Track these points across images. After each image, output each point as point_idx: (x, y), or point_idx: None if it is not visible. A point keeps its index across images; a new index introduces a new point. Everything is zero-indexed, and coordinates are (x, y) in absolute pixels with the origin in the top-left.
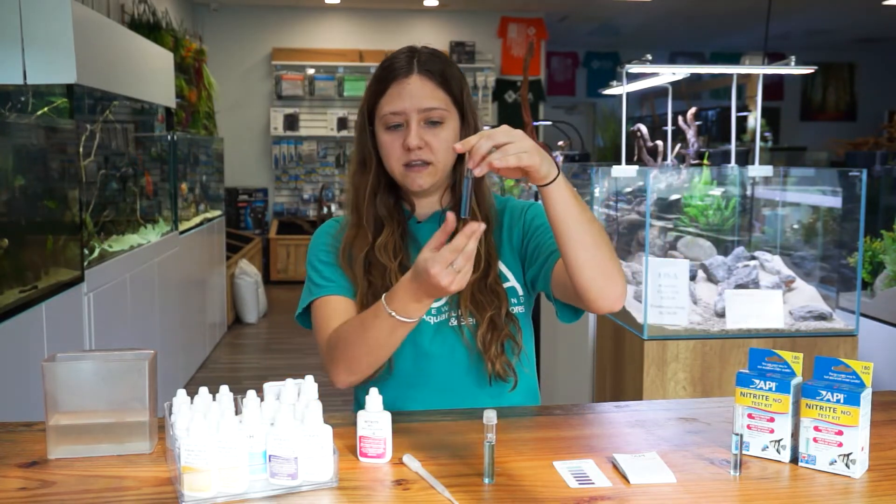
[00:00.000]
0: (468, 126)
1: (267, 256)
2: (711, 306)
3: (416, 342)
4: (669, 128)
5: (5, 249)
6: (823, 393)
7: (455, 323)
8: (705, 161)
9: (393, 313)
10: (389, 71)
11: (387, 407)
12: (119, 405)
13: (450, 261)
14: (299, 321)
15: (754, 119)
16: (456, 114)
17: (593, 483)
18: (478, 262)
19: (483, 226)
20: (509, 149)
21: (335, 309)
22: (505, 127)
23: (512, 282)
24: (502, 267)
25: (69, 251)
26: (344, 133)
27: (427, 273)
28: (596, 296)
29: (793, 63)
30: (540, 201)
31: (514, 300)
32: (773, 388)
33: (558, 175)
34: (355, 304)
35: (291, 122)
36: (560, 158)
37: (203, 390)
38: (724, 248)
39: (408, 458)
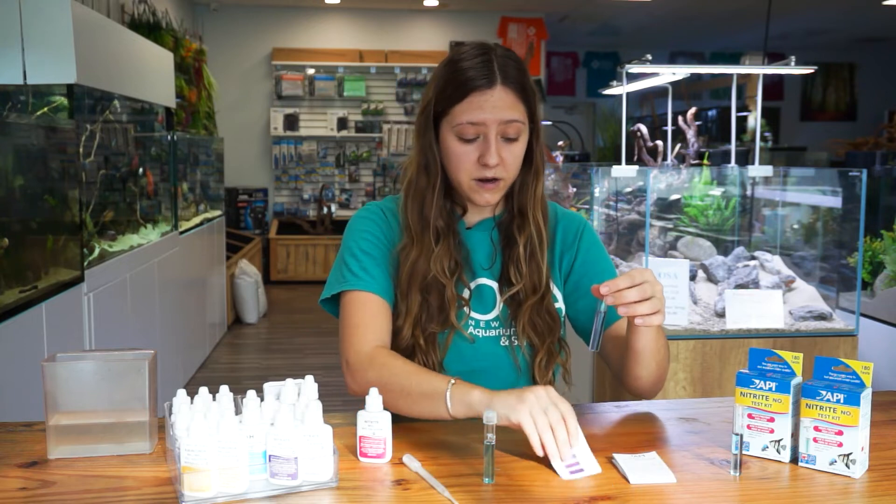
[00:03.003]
0: (535, 137)
1: (267, 256)
2: (711, 306)
3: (463, 355)
4: (669, 128)
5: (5, 249)
6: (823, 393)
7: (507, 343)
8: (705, 161)
9: (449, 407)
10: (467, 78)
11: None
12: (119, 405)
13: (551, 424)
14: (324, 306)
15: (754, 119)
16: (528, 126)
17: (582, 470)
18: (539, 283)
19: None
20: (651, 305)
21: (371, 311)
22: (649, 273)
23: (560, 303)
24: (553, 288)
25: (69, 251)
26: (344, 133)
27: (517, 417)
28: (635, 393)
29: (793, 63)
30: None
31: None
32: (773, 388)
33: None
34: (399, 316)
35: (291, 122)
36: (560, 158)
37: (203, 390)
38: (724, 248)
39: (408, 458)
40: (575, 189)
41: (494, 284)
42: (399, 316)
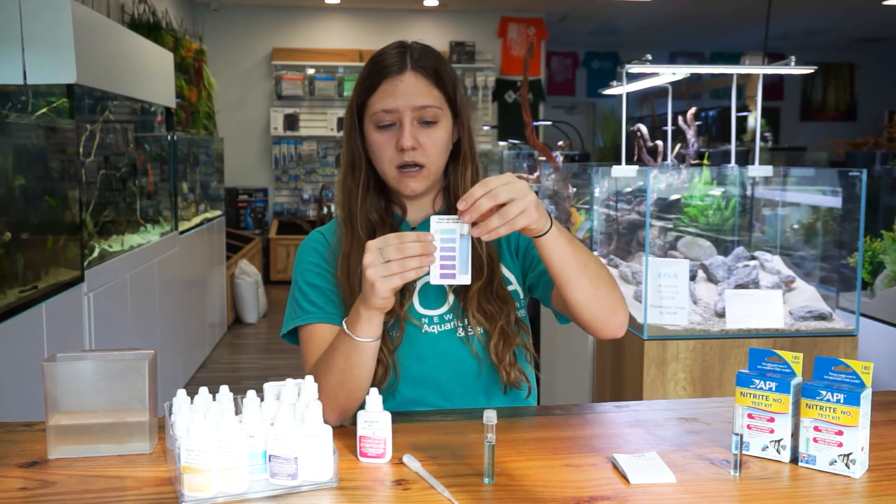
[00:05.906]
0: (461, 125)
1: (267, 256)
2: (711, 306)
3: (421, 353)
4: (669, 128)
5: (6, 247)
6: (823, 393)
7: (462, 333)
8: (705, 161)
9: (346, 329)
10: (381, 67)
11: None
12: (119, 405)
13: (380, 245)
14: (286, 339)
15: (754, 119)
16: (449, 112)
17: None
18: (480, 268)
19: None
20: (511, 210)
21: (319, 340)
22: (506, 177)
23: (514, 285)
24: (504, 270)
25: (69, 251)
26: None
27: (363, 264)
28: (597, 328)
29: (793, 63)
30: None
31: (517, 303)
32: (773, 388)
33: (551, 226)
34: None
35: (291, 122)
36: (560, 158)
37: (203, 390)
38: (724, 248)
39: (408, 458)
40: (575, 189)
41: None
42: (348, 311)
